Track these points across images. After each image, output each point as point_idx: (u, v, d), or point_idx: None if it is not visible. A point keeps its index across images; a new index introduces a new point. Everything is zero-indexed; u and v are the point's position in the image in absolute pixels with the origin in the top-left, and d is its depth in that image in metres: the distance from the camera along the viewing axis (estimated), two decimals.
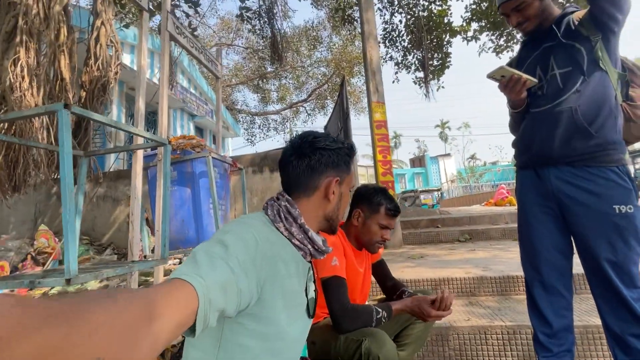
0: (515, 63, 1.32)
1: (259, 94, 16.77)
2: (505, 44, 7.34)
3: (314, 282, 0.84)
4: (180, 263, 3.47)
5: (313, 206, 0.77)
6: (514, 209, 6.19)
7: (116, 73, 4.49)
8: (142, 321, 0.35)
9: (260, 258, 0.62)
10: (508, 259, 2.62)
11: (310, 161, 0.76)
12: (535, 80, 1.14)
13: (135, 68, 6.16)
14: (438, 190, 19.72)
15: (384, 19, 8.16)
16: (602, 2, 1.05)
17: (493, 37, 7.43)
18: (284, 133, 18.08)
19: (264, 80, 15.80)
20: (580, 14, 1.15)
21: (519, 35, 7.09)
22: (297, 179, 0.77)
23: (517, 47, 7.22)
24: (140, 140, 1.97)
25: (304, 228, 0.73)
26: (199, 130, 11.06)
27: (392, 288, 1.43)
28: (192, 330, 0.47)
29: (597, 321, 1.40)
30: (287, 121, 17.99)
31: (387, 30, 8.17)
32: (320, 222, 0.79)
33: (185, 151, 2.35)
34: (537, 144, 1.18)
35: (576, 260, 1.18)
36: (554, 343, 1.18)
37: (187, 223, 2.29)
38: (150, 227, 3.28)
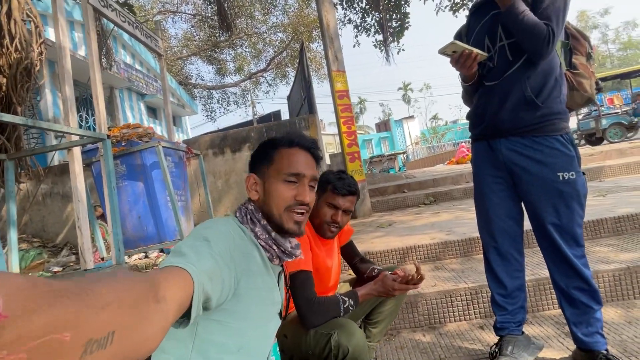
0: (465, 32, 1.30)
1: (214, 66, 15.66)
2: (461, 2, 7.29)
3: (286, 285, 0.84)
4: (146, 257, 3.31)
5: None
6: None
7: (41, 53, 3.91)
8: (149, 299, 0.36)
9: (236, 253, 0.64)
10: (470, 220, 2.76)
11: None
12: (486, 54, 1.13)
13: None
14: (404, 153, 20.29)
15: None
16: None
17: None
18: (246, 106, 17.34)
19: (218, 50, 14.71)
20: None
21: None
22: None
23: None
24: (75, 136, 1.75)
25: (266, 229, 0.73)
26: (152, 110, 10.26)
27: (361, 266, 1.44)
28: (179, 321, 0.48)
29: (547, 274, 1.53)
30: (247, 93, 17.20)
31: None
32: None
33: (132, 142, 2.14)
34: (488, 117, 1.21)
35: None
36: (509, 302, 1.27)
37: (145, 219, 2.14)
38: (106, 223, 3.06)
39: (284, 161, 0.75)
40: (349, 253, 1.48)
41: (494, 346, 1.29)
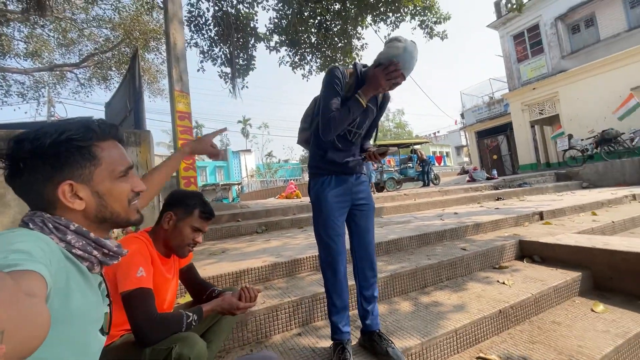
0: (347, 91, 1.52)
1: None
2: (299, 62, 8.63)
3: (107, 295, 0.74)
4: None
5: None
6: (298, 201, 7.49)
7: None
8: (20, 294, 0.34)
9: (54, 268, 0.54)
10: (295, 245, 3.19)
11: None
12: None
13: None
14: (239, 184, 20.60)
15: (189, 0, 7.61)
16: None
17: (290, 54, 8.57)
18: (39, 103, 13.24)
19: (2, 20, 10.83)
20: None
21: (313, 59, 8.55)
22: None
23: (309, 66, 8.68)
24: None
25: (81, 232, 0.64)
26: None
27: (200, 290, 1.45)
28: None
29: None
30: (44, 87, 13.23)
31: (194, 14, 7.68)
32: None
33: None
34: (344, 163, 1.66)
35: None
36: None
37: None
38: None
39: (112, 158, 0.69)
40: (190, 276, 1.47)
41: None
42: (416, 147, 13.49)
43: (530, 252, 2.88)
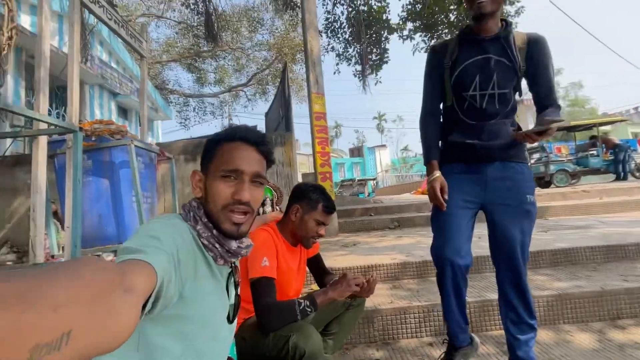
0: (447, 53, 1.31)
1: (194, 74, 15.55)
2: None
3: (236, 286, 0.78)
4: None
5: None
6: None
7: (10, 37, 3.74)
8: (115, 289, 0.33)
9: (183, 254, 0.60)
10: (427, 245, 2.92)
11: None
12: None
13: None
14: (374, 179, 20.90)
15: (326, 8, 8.18)
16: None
17: (425, 39, 7.98)
18: (222, 118, 17.19)
19: (200, 59, 14.68)
20: (519, 38, 1.27)
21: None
22: None
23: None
24: (44, 124, 1.69)
25: (207, 226, 0.68)
26: (123, 110, 9.88)
27: (326, 278, 1.50)
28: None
29: (492, 296, 1.67)
30: (225, 105, 17.11)
31: (330, 20, 8.21)
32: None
33: (103, 138, 2.09)
34: (480, 147, 1.29)
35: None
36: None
37: (105, 218, 2.06)
38: (59, 221, 2.87)
39: (224, 156, 0.70)
40: (316, 265, 1.54)
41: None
42: (604, 128, 10.08)
43: None
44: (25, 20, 5.85)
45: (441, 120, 1.41)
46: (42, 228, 1.60)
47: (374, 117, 51.70)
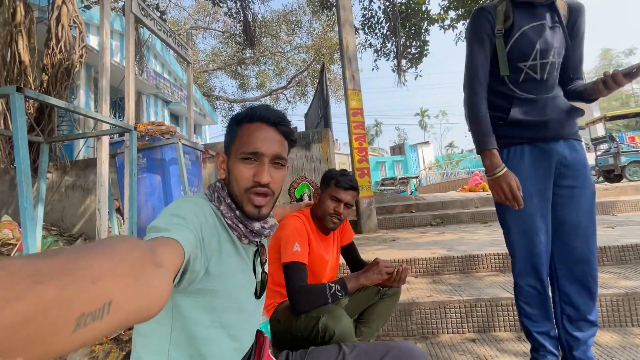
0: (499, 17, 1.18)
1: (237, 80, 16.37)
2: None
3: (262, 264, 0.79)
4: None
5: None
6: (484, 194, 6.46)
7: (81, 56, 4.26)
8: (147, 264, 0.35)
9: (206, 231, 0.63)
10: (472, 240, 2.77)
11: None
12: None
13: None
14: (416, 177, 20.19)
15: (363, 4, 8.10)
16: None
17: None
18: None
19: (243, 66, 15.41)
20: (561, 6, 1.18)
21: None
22: None
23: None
24: (106, 127, 1.91)
25: (231, 207, 0.70)
26: (174, 117, 10.73)
27: (360, 269, 1.49)
28: None
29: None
30: None
31: (367, 16, 8.12)
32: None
33: (155, 137, 2.30)
34: (552, 123, 1.17)
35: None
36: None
37: (158, 211, 2.26)
38: (121, 216, 3.21)
39: (244, 138, 0.70)
40: (350, 253, 1.54)
41: None
42: None
43: None
44: (93, 41, 6.62)
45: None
46: (105, 218, 1.81)
47: (416, 114, 50.01)
